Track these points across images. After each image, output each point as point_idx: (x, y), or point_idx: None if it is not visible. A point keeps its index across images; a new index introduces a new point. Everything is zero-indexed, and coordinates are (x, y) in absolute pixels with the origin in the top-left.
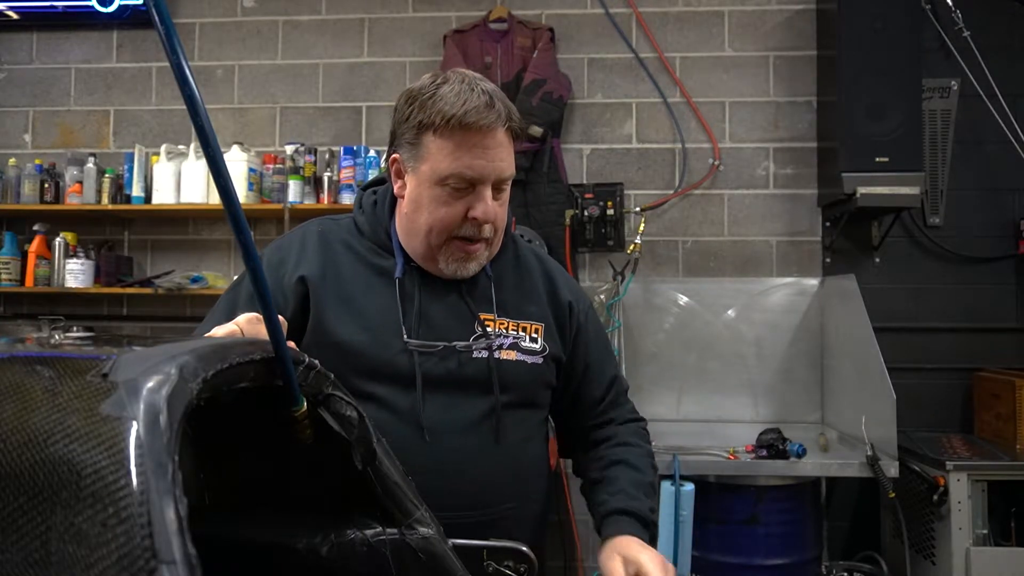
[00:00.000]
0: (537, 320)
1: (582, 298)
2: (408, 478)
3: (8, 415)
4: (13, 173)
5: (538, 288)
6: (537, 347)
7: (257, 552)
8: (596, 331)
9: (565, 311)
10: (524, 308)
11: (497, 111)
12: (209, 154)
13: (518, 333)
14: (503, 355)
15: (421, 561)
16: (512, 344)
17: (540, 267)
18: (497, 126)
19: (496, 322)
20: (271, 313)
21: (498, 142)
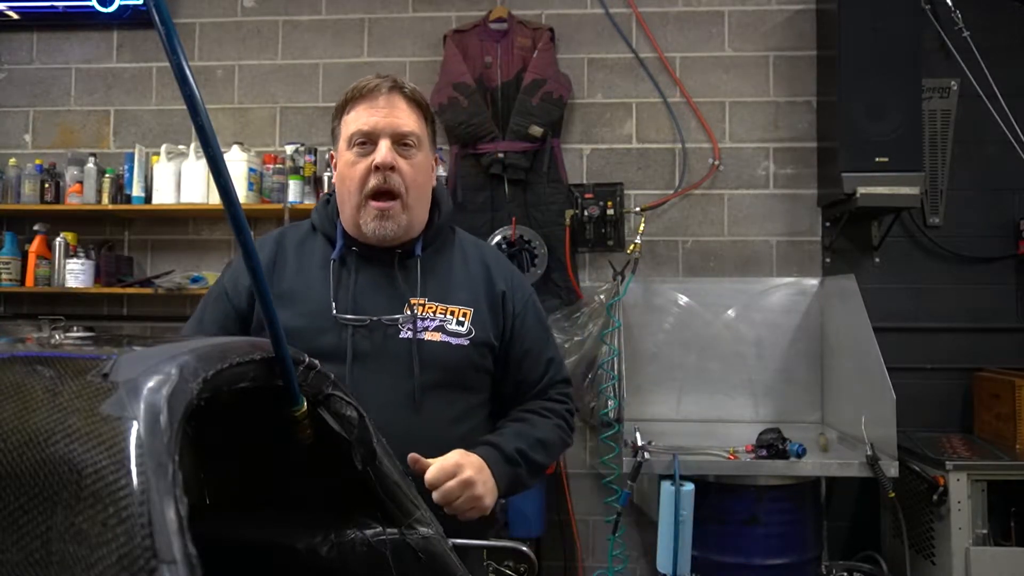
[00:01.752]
0: (466, 305)
1: (520, 287)
2: (408, 478)
3: (9, 415)
4: (13, 173)
5: (472, 276)
6: (463, 330)
7: (257, 552)
8: (535, 319)
9: (498, 298)
10: (454, 294)
11: (384, 79)
12: (209, 154)
13: (445, 316)
14: (428, 336)
15: (421, 561)
16: (438, 326)
17: (479, 256)
18: (383, 88)
19: (425, 305)
20: (271, 313)
21: (390, 102)
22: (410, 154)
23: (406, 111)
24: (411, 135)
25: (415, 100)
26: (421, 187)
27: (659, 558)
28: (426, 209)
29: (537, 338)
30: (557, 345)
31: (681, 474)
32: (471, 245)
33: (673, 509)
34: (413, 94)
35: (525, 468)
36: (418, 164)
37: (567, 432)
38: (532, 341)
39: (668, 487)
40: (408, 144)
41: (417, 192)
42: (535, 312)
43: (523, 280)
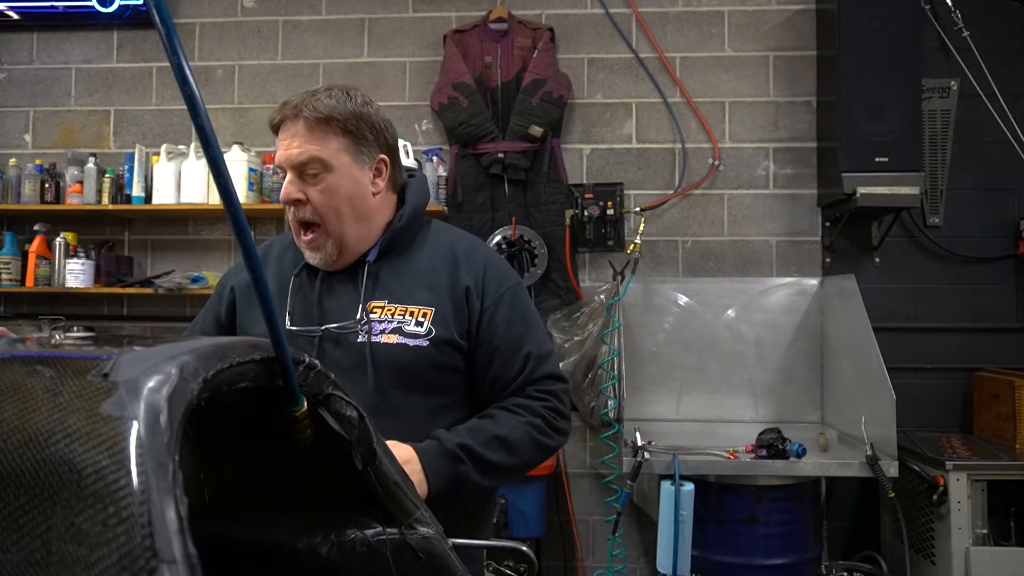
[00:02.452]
0: (427, 305)
1: (494, 280)
2: (408, 478)
3: (9, 415)
4: (13, 173)
5: (436, 273)
6: (422, 330)
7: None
8: (510, 312)
9: (461, 294)
10: (414, 293)
11: (286, 106)
12: (209, 154)
13: (404, 317)
14: (384, 339)
15: (421, 561)
16: (395, 328)
17: (449, 252)
18: (288, 118)
19: (384, 308)
20: (271, 313)
21: (291, 133)
22: (317, 180)
23: (305, 136)
24: (311, 163)
25: (322, 120)
26: (338, 209)
27: (659, 558)
28: (367, 223)
29: (511, 333)
30: (543, 340)
31: (681, 474)
32: (444, 241)
33: (673, 509)
34: (319, 115)
35: (472, 465)
36: (329, 187)
37: (544, 431)
38: (504, 336)
39: (668, 487)
40: (313, 172)
41: (335, 216)
42: (511, 306)
43: (502, 273)
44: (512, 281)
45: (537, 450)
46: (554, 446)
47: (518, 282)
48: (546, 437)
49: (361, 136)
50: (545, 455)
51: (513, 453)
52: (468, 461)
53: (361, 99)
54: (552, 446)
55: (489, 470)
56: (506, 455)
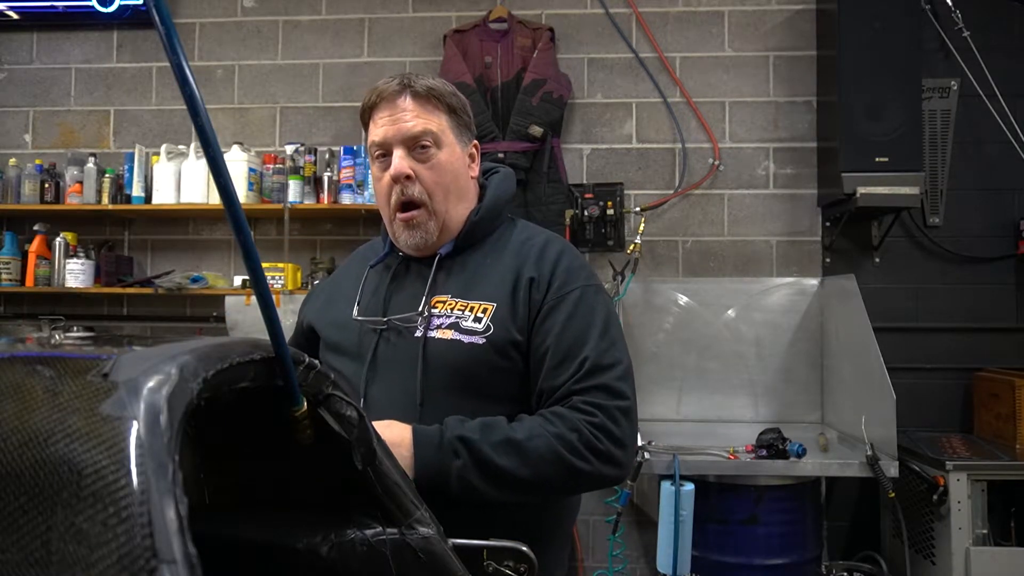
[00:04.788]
0: (489, 300)
1: (564, 277)
2: (408, 478)
3: (9, 415)
4: (13, 173)
5: (504, 268)
6: (479, 327)
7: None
8: (573, 312)
9: (525, 288)
10: (479, 288)
11: (392, 80)
12: (209, 154)
13: (462, 313)
14: (439, 334)
15: (421, 561)
16: (451, 324)
17: (524, 248)
18: (387, 92)
19: (446, 303)
20: (271, 313)
21: (400, 107)
22: (428, 155)
23: (416, 111)
24: (424, 135)
25: (429, 95)
26: (447, 187)
27: (659, 558)
28: (465, 206)
29: (567, 334)
30: (610, 351)
31: (681, 474)
32: (522, 236)
33: (673, 509)
34: (427, 89)
35: (472, 465)
36: (439, 164)
37: (577, 449)
38: (558, 336)
39: (668, 487)
40: (424, 146)
41: (443, 194)
42: (575, 305)
43: (574, 270)
44: (585, 281)
45: (563, 469)
46: (589, 472)
47: (594, 284)
48: (577, 457)
49: (461, 117)
50: (576, 480)
51: (528, 464)
52: (467, 458)
53: (452, 87)
54: (587, 471)
55: (494, 475)
56: (519, 463)
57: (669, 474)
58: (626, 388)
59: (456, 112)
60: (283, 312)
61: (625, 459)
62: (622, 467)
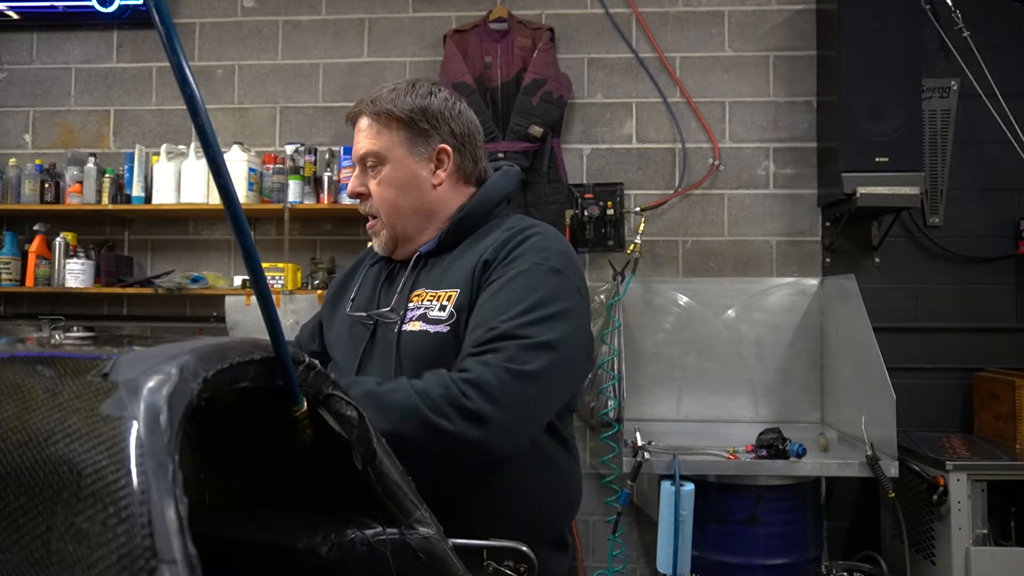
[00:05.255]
0: (454, 287)
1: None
2: (408, 477)
3: (9, 415)
4: (13, 173)
5: (472, 255)
6: (444, 315)
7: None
8: (508, 283)
9: (480, 271)
10: (447, 278)
11: (356, 105)
12: (209, 154)
13: (431, 303)
14: (410, 326)
15: (421, 561)
16: (420, 315)
17: (500, 236)
18: (355, 116)
19: (422, 295)
20: (271, 313)
21: (358, 128)
22: (376, 173)
23: (367, 131)
24: (367, 156)
25: (380, 112)
26: (392, 201)
27: (659, 558)
28: (427, 215)
29: (490, 305)
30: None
31: (681, 474)
32: (505, 226)
33: (673, 509)
34: (379, 108)
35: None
36: (384, 180)
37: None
38: (481, 307)
39: (668, 487)
40: (371, 164)
41: (388, 207)
42: (513, 279)
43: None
44: (540, 260)
45: (422, 426)
46: (450, 431)
47: (550, 265)
48: (439, 415)
49: (417, 128)
50: (439, 439)
51: (386, 416)
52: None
53: (424, 90)
54: (449, 430)
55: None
56: (378, 415)
57: (669, 474)
58: (532, 358)
59: (409, 126)
60: (283, 312)
61: (499, 419)
62: (491, 428)
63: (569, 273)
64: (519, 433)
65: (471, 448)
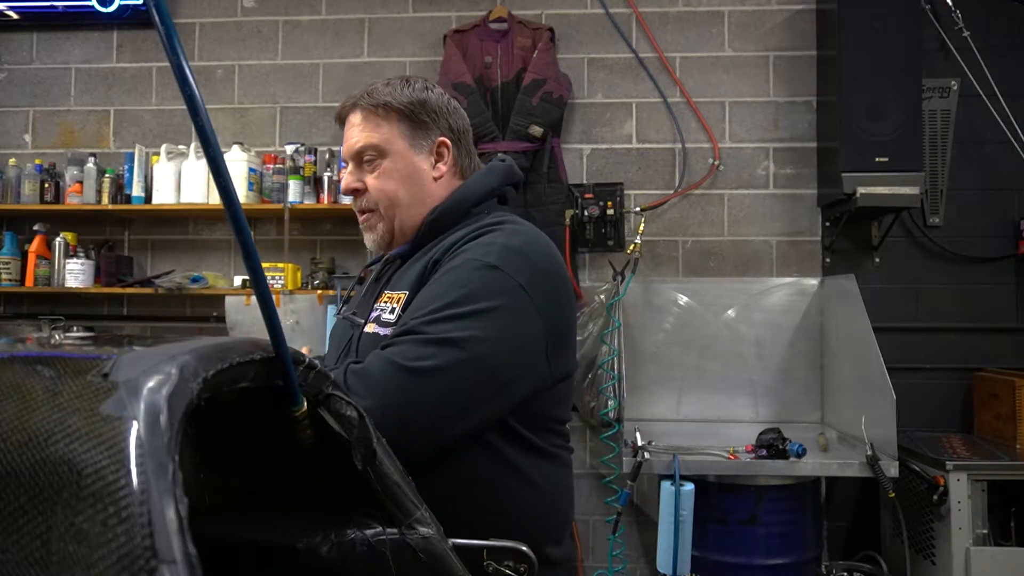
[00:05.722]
0: (403, 289)
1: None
2: (408, 477)
3: (8, 415)
4: (13, 173)
5: (431, 257)
6: (392, 318)
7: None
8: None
9: (429, 269)
10: (405, 278)
11: (346, 101)
12: (209, 154)
13: (385, 305)
14: (368, 328)
15: (421, 561)
16: (375, 317)
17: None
18: (347, 112)
19: (386, 297)
20: (271, 313)
21: (350, 124)
22: (374, 167)
23: (361, 125)
24: (365, 149)
25: (378, 105)
26: (393, 193)
27: (659, 558)
28: (424, 209)
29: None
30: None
31: (681, 474)
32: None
33: (673, 509)
34: (375, 102)
35: None
36: (384, 172)
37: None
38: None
39: (668, 487)
40: (368, 158)
41: (389, 200)
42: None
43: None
44: (481, 256)
45: None
46: None
47: (488, 263)
48: None
49: (418, 121)
50: None
51: None
52: None
53: (420, 85)
54: None
55: None
56: None
57: (669, 474)
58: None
59: (409, 118)
60: (283, 312)
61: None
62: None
63: (508, 269)
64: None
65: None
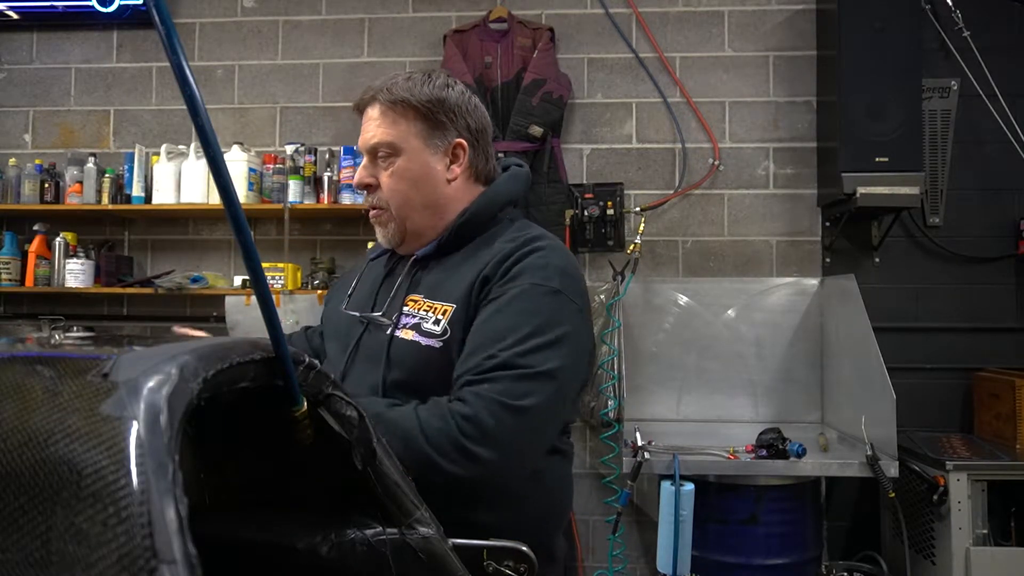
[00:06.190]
0: (449, 301)
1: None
2: (408, 477)
3: (9, 415)
4: (13, 173)
5: (472, 268)
6: (437, 330)
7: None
8: (505, 306)
9: (478, 289)
10: (445, 289)
11: (366, 92)
12: (209, 154)
13: (425, 314)
14: (402, 333)
15: (421, 561)
16: (414, 324)
17: (502, 248)
18: (365, 104)
19: (417, 303)
20: (271, 313)
21: (368, 117)
22: (387, 164)
23: (379, 120)
24: (380, 146)
25: (396, 101)
26: (404, 193)
27: (659, 558)
28: (438, 211)
29: (489, 328)
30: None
31: (681, 474)
32: (508, 236)
33: (673, 509)
34: (394, 97)
35: None
36: (397, 171)
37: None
38: (479, 329)
39: (668, 487)
40: (382, 155)
41: (399, 200)
42: (511, 300)
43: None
44: (540, 280)
45: (415, 455)
46: (446, 468)
47: (548, 286)
48: (435, 449)
49: (435, 120)
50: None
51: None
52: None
53: (441, 82)
54: (443, 467)
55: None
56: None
57: (669, 474)
58: (531, 390)
59: (427, 117)
60: (283, 312)
61: (494, 460)
62: (486, 467)
63: (569, 292)
64: (512, 470)
65: (462, 484)
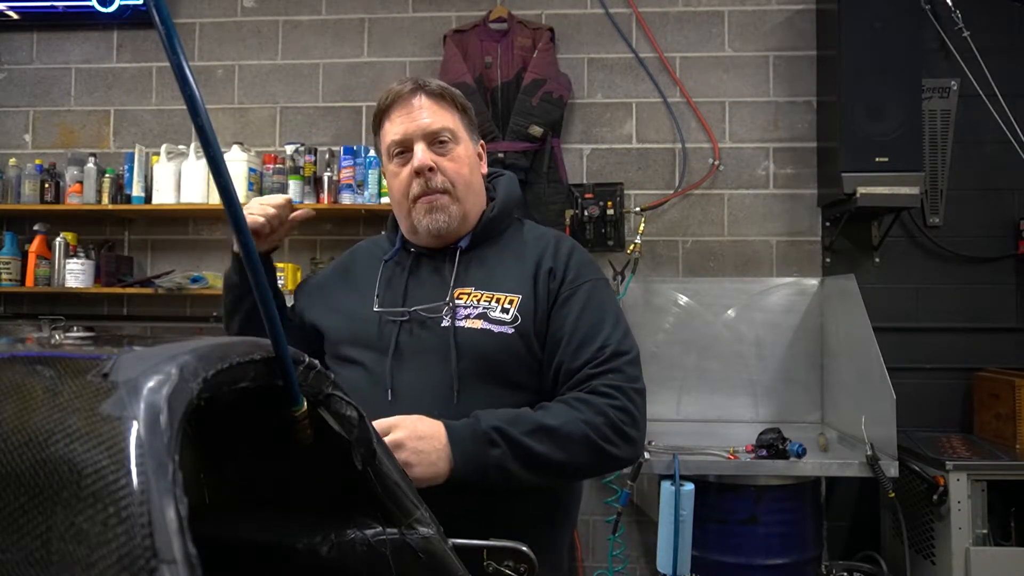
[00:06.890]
0: (514, 292)
1: (575, 268)
2: (408, 477)
3: (9, 415)
4: (13, 173)
5: (524, 263)
6: (507, 317)
7: (257, 552)
8: (587, 303)
9: (545, 277)
10: (502, 282)
11: (409, 83)
12: (209, 154)
13: (489, 304)
14: (468, 323)
15: (421, 561)
16: (480, 314)
17: (540, 243)
18: (408, 94)
19: (471, 295)
20: (271, 313)
21: (418, 105)
22: (447, 150)
23: (432, 108)
24: (443, 131)
25: (443, 93)
26: (466, 179)
27: (659, 558)
28: (479, 201)
29: (583, 321)
30: (624, 339)
31: (681, 474)
32: (535, 233)
33: (673, 509)
34: (440, 88)
35: (508, 451)
36: (459, 156)
37: (605, 434)
38: (575, 323)
39: (668, 487)
40: (443, 140)
41: (463, 184)
42: (588, 297)
43: (585, 264)
44: (596, 275)
45: (592, 453)
46: (618, 455)
47: (603, 279)
48: (606, 442)
49: (470, 116)
50: (604, 462)
51: (562, 448)
52: (504, 447)
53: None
54: (615, 455)
55: (531, 462)
56: (554, 449)
57: (669, 474)
58: (639, 372)
59: (466, 112)
60: None
61: (641, 439)
62: (638, 447)
63: (607, 280)
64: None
65: (621, 465)
